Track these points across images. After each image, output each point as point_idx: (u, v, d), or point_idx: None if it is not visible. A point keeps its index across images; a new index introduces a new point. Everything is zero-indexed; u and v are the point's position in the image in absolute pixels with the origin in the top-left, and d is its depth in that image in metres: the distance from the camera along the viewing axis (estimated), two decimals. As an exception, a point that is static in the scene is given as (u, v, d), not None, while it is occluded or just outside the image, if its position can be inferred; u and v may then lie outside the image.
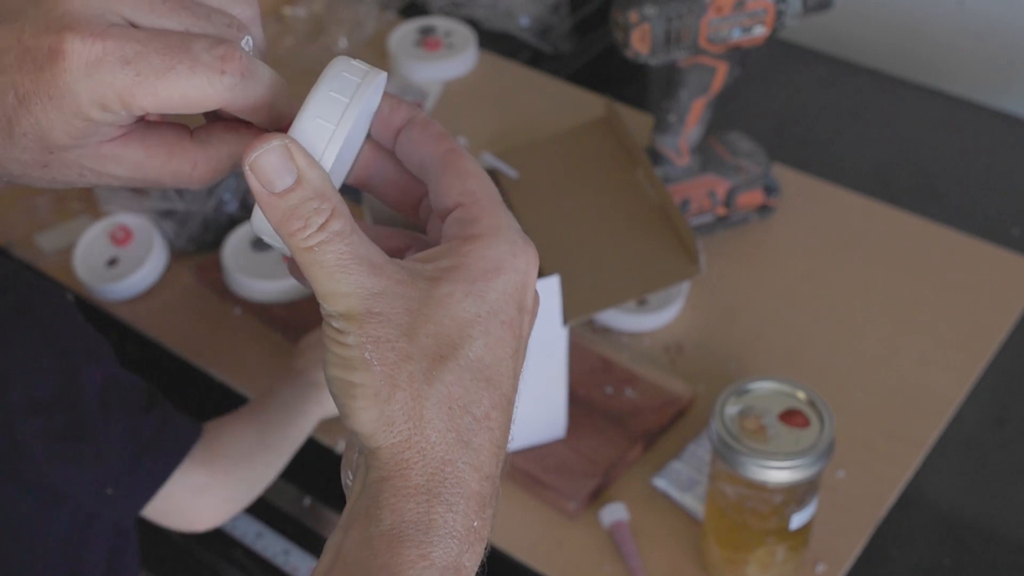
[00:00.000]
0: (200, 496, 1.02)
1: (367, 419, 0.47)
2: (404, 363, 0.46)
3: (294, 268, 0.51)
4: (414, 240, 0.54)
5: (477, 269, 0.48)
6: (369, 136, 0.54)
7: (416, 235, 0.54)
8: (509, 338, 0.48)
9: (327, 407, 1.12)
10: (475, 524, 0.47)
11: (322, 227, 0.46)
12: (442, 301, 0.47)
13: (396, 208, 0.55)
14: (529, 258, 0.50)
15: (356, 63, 0.50)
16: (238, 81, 0.47)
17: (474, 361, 0.47)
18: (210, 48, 0.46)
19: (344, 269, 0.46)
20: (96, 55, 0.45)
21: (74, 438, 0.97)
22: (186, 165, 0.51)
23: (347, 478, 0.51)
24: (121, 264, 1.32)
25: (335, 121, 0.48)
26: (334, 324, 0.47)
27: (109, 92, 0.46)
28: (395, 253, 0.53)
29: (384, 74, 0.51)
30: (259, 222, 0.48)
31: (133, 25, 0.47)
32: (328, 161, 0.48)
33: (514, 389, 0.49)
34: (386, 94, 0.53)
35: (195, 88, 0.46)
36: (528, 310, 0.50)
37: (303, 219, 0.46)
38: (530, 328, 0.51)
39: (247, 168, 0.46)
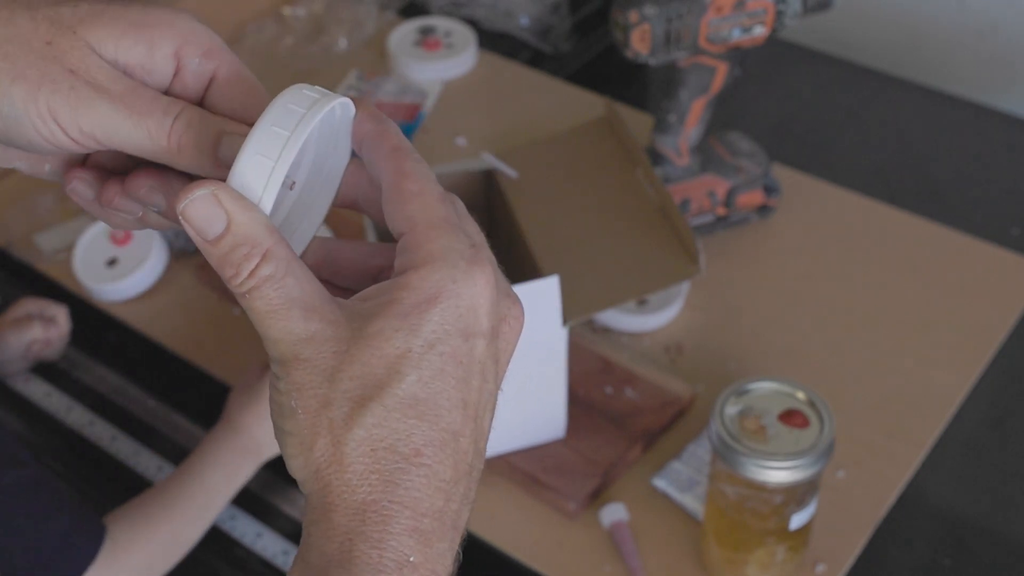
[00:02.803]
0: None
1: (296, 467, 0.47)
2: (324, 410, 0.46)
3: None
4: None
5: (409, 302, 0.46)
6: (354, 155, 0.52)
7: None
8: (451, 368, 0.47)
9: (266, 458, 1.11)
10: (412, 559, 0.46)
11: (252, 273, 0.46)
12: (370, 340, 0.46)
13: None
14: (476, 280, 0.47)
15: (308, 91, 0.48)
16: None
17: (404, 398, 0.46)
18: None
19: (273, 315, 0.46)
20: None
21: None
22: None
23: None
24: (121, 264, 1.32)
25: (274, 157, 0.46)
26: (272, 369, 0.47)
27: (201, 31, 0.49)
28: (383, 271, 0.52)
29: (343, 98, 0.49)
30: None
31: None
32: (268, 200, 0.46)
33: (466, 420, 0.47)
34: (361, 105, 0.51)
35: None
36: (481, 333, 0.48)
37: (234, 266, 0.46)
38: (491, 350, 0.49)
39: (180, 217, 0.46)
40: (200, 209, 0.46)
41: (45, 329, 1.24)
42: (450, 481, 0.47)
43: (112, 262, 1.32)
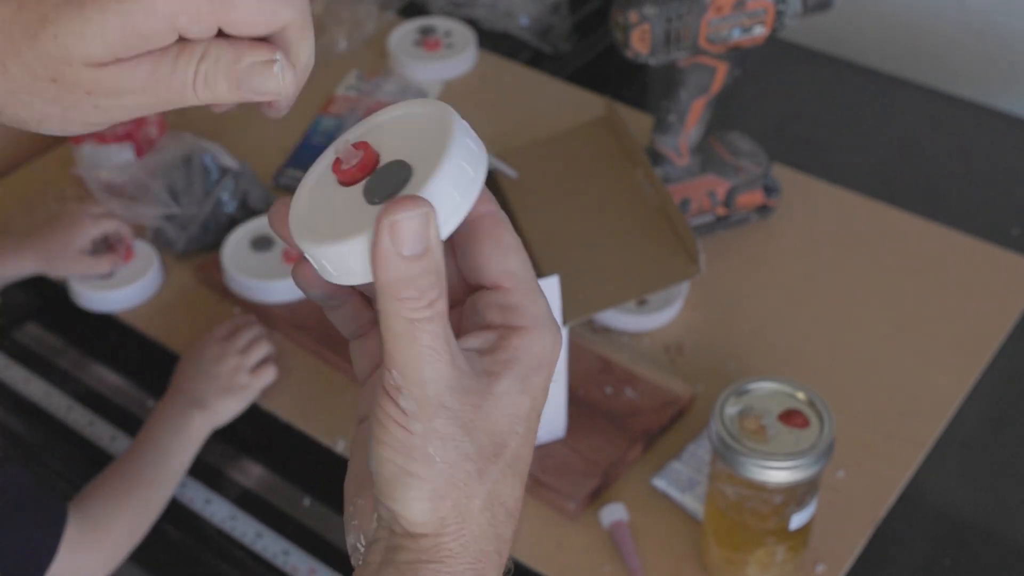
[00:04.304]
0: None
1: (419, 510, 0.46)
2: (463, 462, 0.46)
3: (306, 272, 0.49)
4: None
5: (529, 365, 0.47)
6: None
7: None
8: (535, 430, 0.49)
9: (216, 420, 1.16)
10: None
11: (431, 304, 0.44)
12: (501, 398, 0.47)
13: None
14: (558, 350, 0.49)
15: (468, 128, 0.47)
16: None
17: (514, 457, 0.47)
18: None
19: (435, 353, 0.45)
20: None
21: None
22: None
23: (358, 542, 0.49)
24: (117, 277, 1.31)
25: (462, 193, 0.45)
26: (402, 404, 0.45)
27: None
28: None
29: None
30: (334, 261, 0.46)
31: None
32: (446, 233, 0.45)
33: (527, 477, 0.50)
34: None
35: (279, 11, 0.46)
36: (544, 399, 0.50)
37: (419, 290, 0.44)
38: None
39: (385, 223, 0.44)
40: (414, 227, 0.44)
41: (114, 260, 1.30)
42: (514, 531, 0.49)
43: (108, 274, 1.31)
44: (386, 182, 0.46)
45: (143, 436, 1.12)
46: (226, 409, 1.16)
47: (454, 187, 0.45)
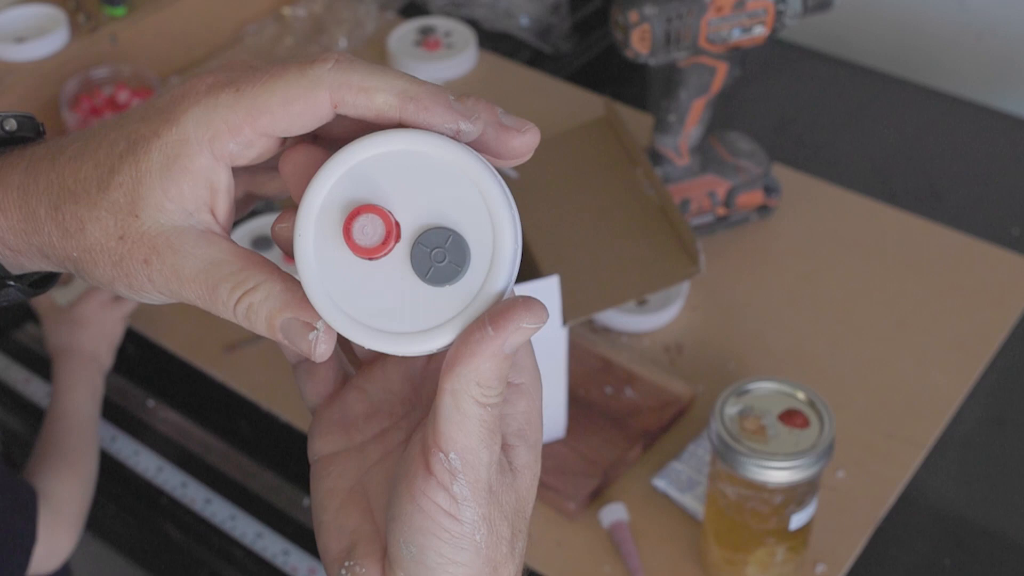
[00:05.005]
0: (59, 553, 1.09)
1: None
2: (500, 545, 0.46)
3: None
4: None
5: (535, 427, 0.48)
6: None
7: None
8: None
9: (106, 365, 1.23)
10: None
11: (501, 392, 0.45)
12: (523, 472, 0.47)
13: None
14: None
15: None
16: (332, 66, 0.46)
17: (528, 520, 0.48)
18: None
19: (493, 436, 0.44)
20: (208, 83, 0.46)
21: None
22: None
23: None
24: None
25: (519, 253, 0.45)
26: (455, 490, 0.44)
27: (217, 117, 0.45)
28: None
29: None
30: (406, 351, 0.45)
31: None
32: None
33: None
34: None
35: (293, 86, 0.45)
36: None
37: (501, 380, 0.44)
38: None
39: (512, 328, 0.43)
40: (528, 334, 0.44)
41: None
42: None
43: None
44: (443, 259, 0.44)
45: (64, 407, 1.15)
46: (110, 355, 1.24)
47: (515, 252, 0.44)
